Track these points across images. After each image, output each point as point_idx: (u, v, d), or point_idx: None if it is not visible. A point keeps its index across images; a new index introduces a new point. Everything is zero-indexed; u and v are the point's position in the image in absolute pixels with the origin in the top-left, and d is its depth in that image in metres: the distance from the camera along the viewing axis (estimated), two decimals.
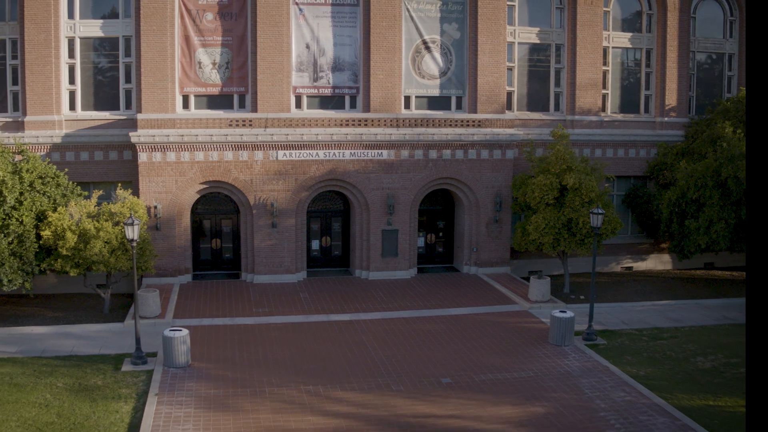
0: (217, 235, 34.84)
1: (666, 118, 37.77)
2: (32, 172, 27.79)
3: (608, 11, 37.20)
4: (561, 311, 25.40)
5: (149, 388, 20.84)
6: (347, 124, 33.39)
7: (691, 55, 38.60)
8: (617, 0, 37.41)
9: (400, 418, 19.18)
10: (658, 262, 38.80)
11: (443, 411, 19.68)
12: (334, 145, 33.10)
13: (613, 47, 37.62)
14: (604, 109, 37.67)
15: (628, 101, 38.30)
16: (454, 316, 28.37)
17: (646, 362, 24.00)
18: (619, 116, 37.89)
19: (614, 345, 25.63)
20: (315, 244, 35.63)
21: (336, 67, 34.45)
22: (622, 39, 37.68)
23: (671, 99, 37.83)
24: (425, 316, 28.39)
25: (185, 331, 22.74)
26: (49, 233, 27.06)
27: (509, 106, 36.40)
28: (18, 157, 29.18)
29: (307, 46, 34.09)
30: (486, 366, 23.11)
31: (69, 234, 26.75)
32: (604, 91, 37.52)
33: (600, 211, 25.57)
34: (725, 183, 30.62)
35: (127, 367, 22.61)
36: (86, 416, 18.98)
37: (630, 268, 38.51)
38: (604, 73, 37.46)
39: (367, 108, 34.30)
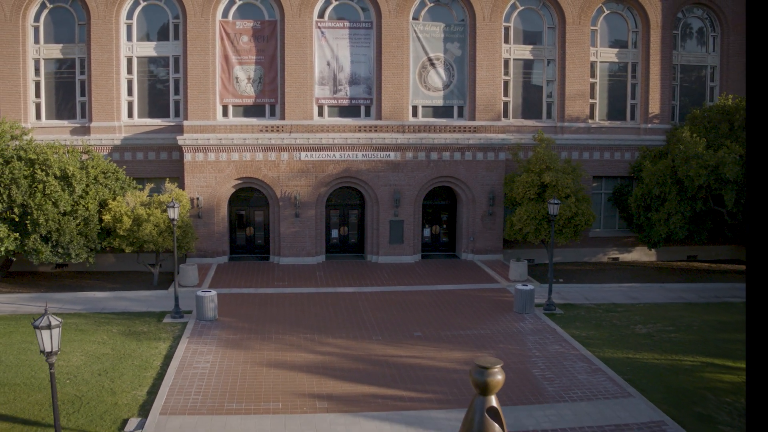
0: (250, 223, 40.75)
1: (649, 125, 42.33)
2: (96, 168, 34.14)
3: (596, 30, 42.00)
4: (523, 284, 30.49)
5: (183, 333, 26.73)
6: (360, 130, 38.93)
7: (676, 67, 43.05)
8: (605, 19, 42.14)
9: (371, 357, 24.63)
10: (643, 254, 43.30)
11: (407, 353, 25.05)
12: (349, 147, 38.67)
13: (600, 61, 42.38)
14: (592, 116, 42.40)
15: (615, 109, 42.96)
16: (441, 291, 33.68)
17: (591, 327, 28.89)
18: (606, 123, 42.58)
19: (570, 315, 30.55)
20: (334, 233, 41.25)
21: (353, 81, 40.09)
22: (609, 54, 42.41)
23: (654, 107, 42.38)
24: (416, 290, 33.77)
25: (213, 292, 28.59)
26: (110, 217, 33.33)
27: (506, 114, 41.49)
28: (85, 156, 35.48)
29: (328, 63, 39.82)
30: (453, 325, 28.37)
31: (125, 218, 32.97)
32: (592, 101, 42.28)
33: (556, 202, 30.57)
34: (682, 181, 35.24)
35: (167, 320, 28.58)
36: (133, 350, 24.94)
37: (616, 258, 43.12)
38: (592, 85, 42.22)
39: (379, 116, 39.84)
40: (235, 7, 39.19)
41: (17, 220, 32.39)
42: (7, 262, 36.27)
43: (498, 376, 12.03)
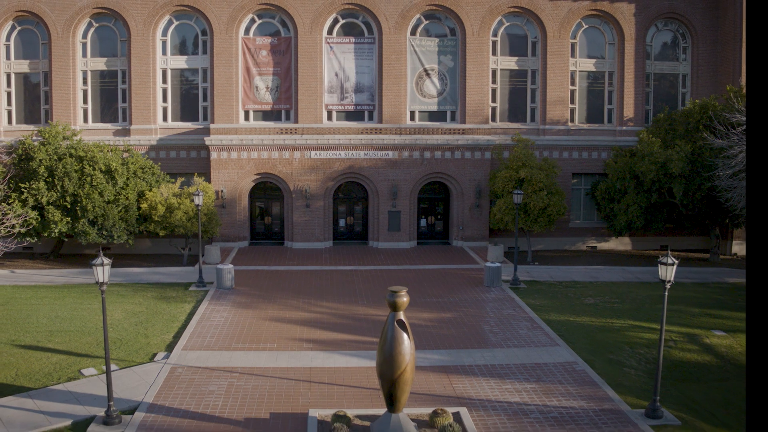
0: (268, 213, 46.66)
1: (624, 127, 47.34)
2: (135, 164, 40.30)
3: (575, 42, 47.15)
4: (491, 263, 35.90)
5: (204, 298, 32.68)
6: (364, 132, 44.61)
7: (650, 75, 47.96)
8: (583, 33, 47.27)
9: (354, 315, 30.30)
10: (619, 244, 48.30)
11: (384, 313, 30.42)
12: (353, 147, 44.37)
13: (580, 70, 47.51)
14: (572, 119, 47.54)
15: (593, 113, 48.02)
16: (427, 270, 39.22)
17: (546, 298, 34.15)
18: (585, 125, 47.67)
19: (532, 289, 35.83)
20: (341, 222, 46.95)
21: (357, 89, 45.80)
22: (587, 64, 47.52)
23: (629, 111, 47.37)
24: (405, 268, 39.37)
25: (231, 266, 34.52)
26: (146, 206, 39.44)
27: (493, 118, 46.87)
28: (126, 154, 41.63)
29: (336, 74, 45.59)
30: (429, 294, 33.90)
31: (159, 206, 39.03)
32: (572, 106, 47.42)
33: (519, 192, 35.87)
34: (638, 176, 40.33)
35: (192, 288, 34.55)
36: (163, 309, 30.93)
37: (594, 247, 48.17)
38: (572, 91, 47.36)
39: (380, 120, 45.48)
40: (255, 26, 45.20)
41: (69, 207, 38.65)
42: (59, 244, 42.66)
43: (404, 298, 17.85)
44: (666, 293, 21.10)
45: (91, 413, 20.63)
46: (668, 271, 20.41)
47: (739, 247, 46.70)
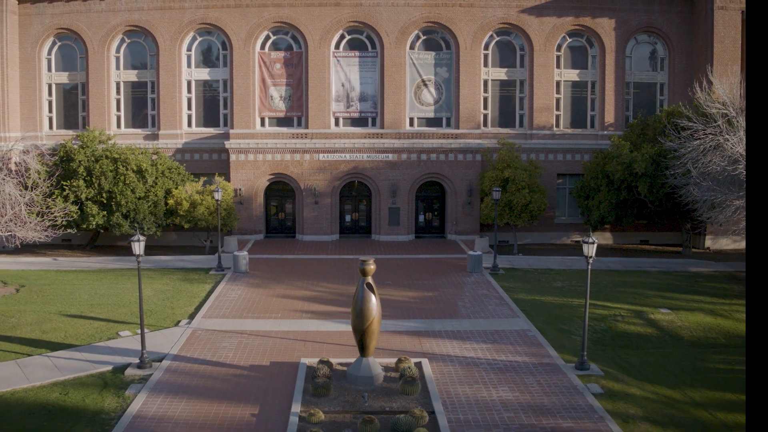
0: (281, 209, 51.90)
1: (605, 132, 51.92)
2: (163, 165, 45.71)
3: (560, 54, 51.89)
4: (473, 252, 40.79)
5: (222, 279, 37.97)
6: (367, 137, 49.70)
7: (630, 84, 52.54)
8: (567, 46, 52.00)
9: (350, 293, 35.25)
10: (601, 238, 52.81)
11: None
12: (357, 150, 49.48)
13: (564, 80, 52.24)
14: (557, 125, 52.26)
15: (577, 119, 52.69)
16: (419, 258, 44.20)
17: (519, 281, 38.94)
18: (569, 130, 52.38)
19: (509, 274, 40.62)
20: (347, 218, 52.04)
21: (362, 98, 50.93)
22: (571, 74, 52.24)
23: (609, 117, 52.01)
24: (400, 257, 44.37)
25: (245, 252, 39.81)
26: (173, 202, 44.83)
27: (485, 124, 51.75)
28: (154, 156, 47.04)
29: (343, 85, 50.75)
30: (416, 278, 38.87)
31: (184, 202, 44.40)
32: (557, 112, 52.15)
33: (497, 190, 40.76)
34: (609, 175, 45.00)
35: (212, 272, 39.86)
36: (186, 288, 36.24)
37: (578, 241, 52.74)
38: (557, 99, 52.09)
39: (382, 126, 50.59)
40: (270, 41, 50.55)
41: (105, 202, 44.15)
42: (95, 235, 48.21)
43: (371, 266, 23.24)
44: (589, 266, 25.91)
45: (127, 361, 25.88)
46: (590, 248, 25.24)
47: (711, 242, 51.01)
